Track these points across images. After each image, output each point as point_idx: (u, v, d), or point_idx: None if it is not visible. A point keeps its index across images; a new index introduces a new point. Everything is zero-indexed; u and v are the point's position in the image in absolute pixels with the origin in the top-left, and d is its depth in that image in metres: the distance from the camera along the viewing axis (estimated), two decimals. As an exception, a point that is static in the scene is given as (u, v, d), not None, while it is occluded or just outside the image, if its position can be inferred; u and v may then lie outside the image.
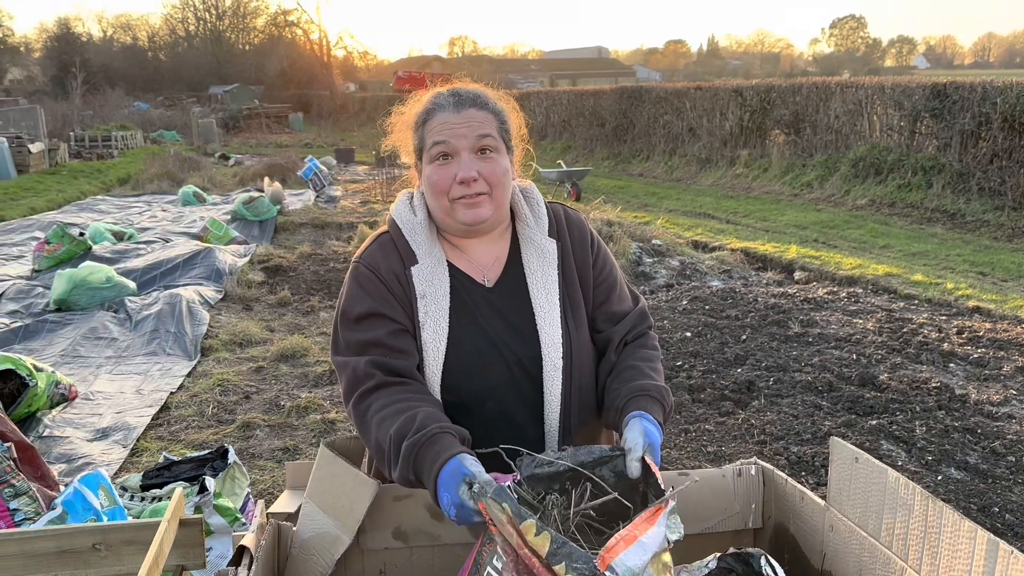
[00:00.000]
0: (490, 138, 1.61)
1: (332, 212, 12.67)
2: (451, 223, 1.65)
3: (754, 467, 1.59)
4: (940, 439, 4.27)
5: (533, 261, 1.69)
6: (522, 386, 1.65)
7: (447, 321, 1.63)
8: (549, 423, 1.66)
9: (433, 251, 1.66)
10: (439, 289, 1.64)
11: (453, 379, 1.63)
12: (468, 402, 1.63)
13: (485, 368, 1.63)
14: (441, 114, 1.62)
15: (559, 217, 1.75)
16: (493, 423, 1.64)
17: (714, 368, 5.34)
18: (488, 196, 1.61)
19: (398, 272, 1.65)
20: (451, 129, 1.60)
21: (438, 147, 1.60)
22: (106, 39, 66.79)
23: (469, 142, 1.59)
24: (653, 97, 19.86)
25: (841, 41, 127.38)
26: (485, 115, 1.63)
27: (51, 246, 8.31)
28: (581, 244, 1.75)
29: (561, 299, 1.67)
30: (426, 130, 1.64)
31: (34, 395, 4.52)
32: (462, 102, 1.63)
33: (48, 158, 19.46)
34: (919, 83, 13.25)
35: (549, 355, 1.64)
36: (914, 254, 9.23)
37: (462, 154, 1.59)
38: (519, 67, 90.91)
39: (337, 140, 30.56)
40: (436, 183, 1.61)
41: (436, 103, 1.64)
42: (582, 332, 1.70)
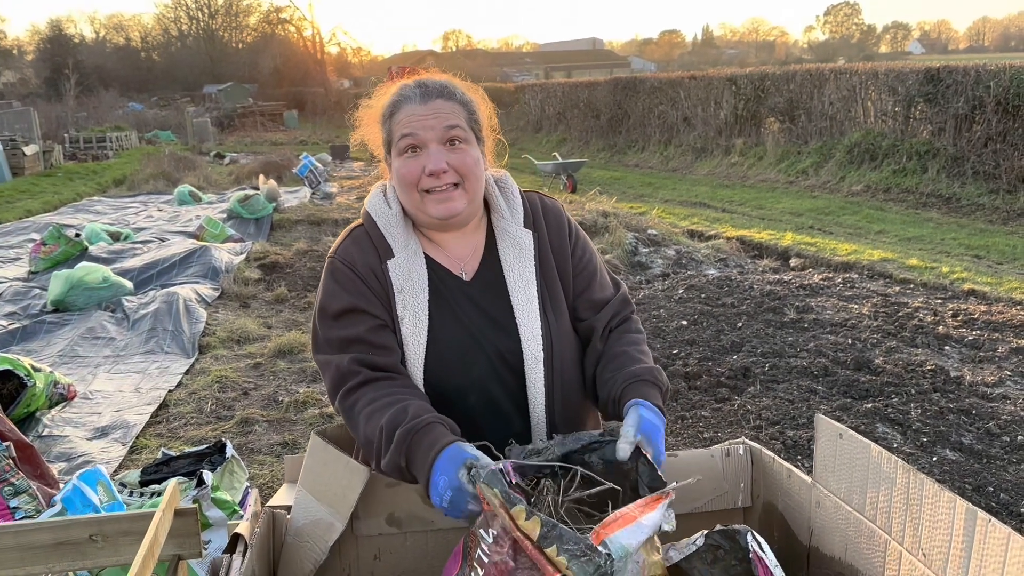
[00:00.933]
0: (459, 128, 1.58)
1: (328, 208, 12.67)
2: (423, 217, 1.63)
3: (742, 447, 1.61)
4: (935, 421, 4.29)
5: (509, 254, 1.67)
6: (505, 379, 1.65)
7: (427, 315, 1.62)
8: (535, 415, 1.65)
9: (409, 244, 1.64)
10: (416, 282, 1.62)
11: (435, 373, 1.62)
12: (451, 395, 1.63)
13: (466, 362, 1.63)
14: (408, 106, 1.59)
15: (535, 207, 1.74)
16: (478, 416, 1.64)
17: (710, 355, 5.36)
18: (460, 188, 1.58)
19: (374, 266, 1.63)
20: (418, 121, 1.57)
21: (406, 139, 1.57)
22: (99, 40, 66.64)
23: (437, 133, 1.56)
24: (648, 87, 19.85)
25: (836, 28, 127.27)
26: (452, 106, 1.60)
27: (47, 247, 8.32)
28: (558, 233, 1.73)
29: (539, 290, 1.66)
30: (393, 123, 1.61)
31: (32, 395, 4.54)
32: (428, 93, 1.60)
33: (43, 160, 19.44)
34: (912, 68, 13.25)
35: (529, 348, 1.63)
36: (910, 239, 9.25)
37: (430, 146, 1.56)
38: (514, 60, 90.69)
39: (332, 137, 30.51)
40: (405, 176, 1.58)
41: (402, 95, 1.61)
42: (562, 323, 1.68)
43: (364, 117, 1.70)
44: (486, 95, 1.73)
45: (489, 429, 1.62)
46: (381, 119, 1.65)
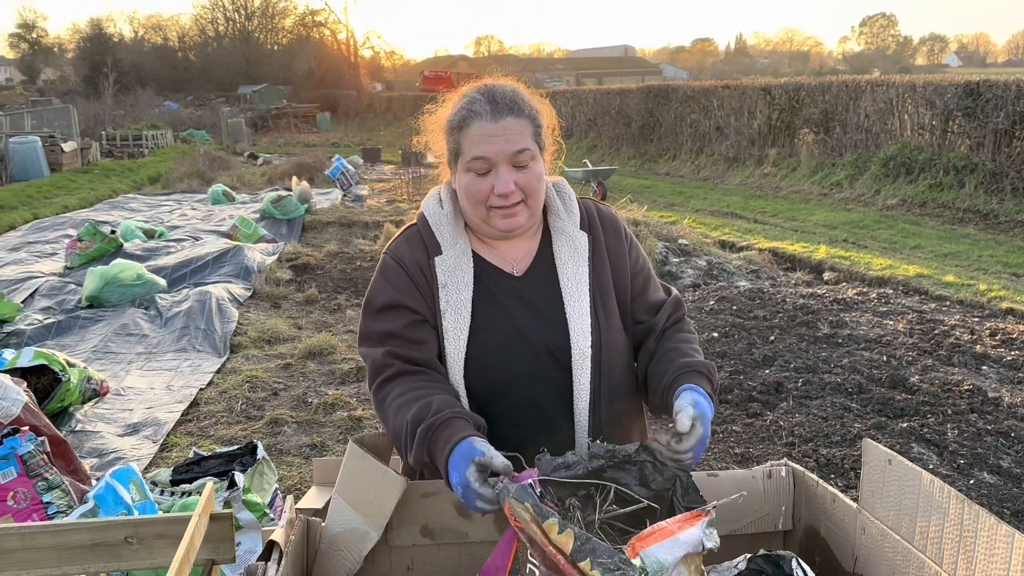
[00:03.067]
0: (526, 152, 1.60)
1: (359, 211, 12.75)
2: (487, 229, 1.66)
3: (784, 468, 1.58)
4: (972, 442, 4.20)
5: (564, 251, 1.70)
6: (550, 374, 1.65)
7: (469, 309, 1.64)
8: (579, 412, 1.65)
9: (458, 243, 1.68)
10: (461, 279, 1.65)
11: (477, 366, 1.64)
12: (496, 389, 1.64)
13: (511, 355, 1.64)
14: (478, 123, 1.59)
15: (591, 212, 1.77)
16: (521, 411, 1.65)
17: (742, 369, 5.30)
18: (524, 204, 1.62)
19: (422, 262, 1.67)
20: (489, 143, 1.58)
21: (477, 162, 1.59)
22: (137, 39, 67.61)
23: (507, 156, 1.58)
24: (680, 96, 19.74)
25: (871, 39, 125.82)
26: (521, 123, 1.60)
27: (83, 243, 8.44)
28: (615, 236, 1.76)
29: (591, 290, 1.68)
30: (462, 137, 1.61)
31: (67, 390, 4.59)
32: (499, 110, 1.59)
33: (80, 157, 19.76)
34: (951, 81, 13.05)
35: (577, 343, 1.64)
36: (946, 255, 9.10)
37: (500, 168, 1.59)
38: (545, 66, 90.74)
39: (364, 139, 30.74)
40: (473, 194, 1.61)
41: (472, 110, 1.60)
42: (612, 323, 1.70)
43: (431, 123, 1.71)
44: (547, 101, 1.73)
45: (532, 426, 1.64)
46: (448, 129, 1.66)
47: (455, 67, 66.08)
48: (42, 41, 72.29)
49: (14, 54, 75.69)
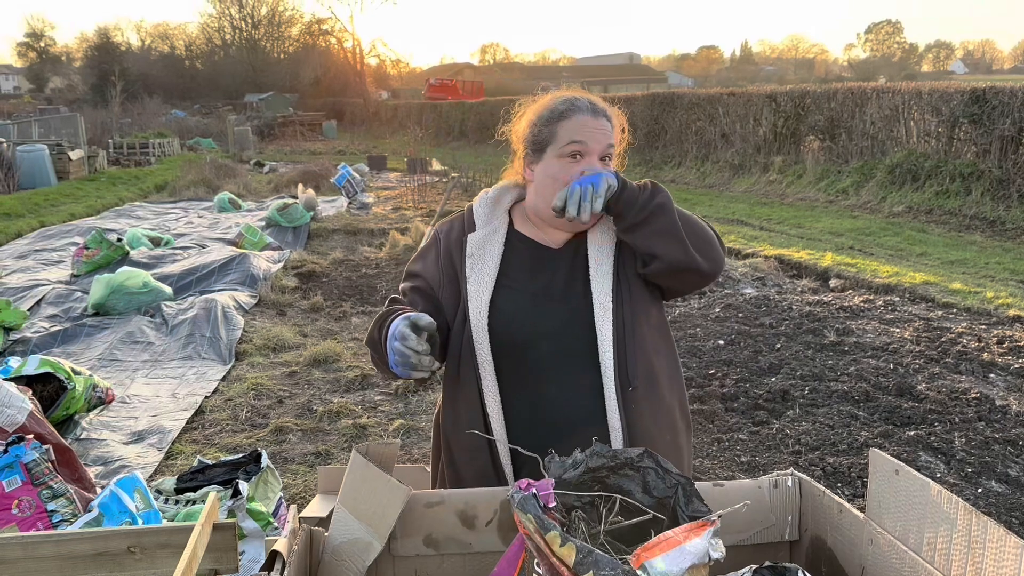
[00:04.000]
0: (613, 148, 1.77)
1: (364, 219, 12.77)
2: (559, 220, 1.74)
3: (791, 478, 1.56)
4: (980, 451, 4.18)
5: (597, 229, 1.81)
6: (574, 328, 1.75)
7: (493, 274, 1.78)
8: (604, 363, 1.73)
9: (492, 221, 1.85)
10: (488, 251, 1.81)
11: (503, 321, 1.76)
12: (523, 342, 1.76)
13: (537, 314, 1.77)
14: (580, 115, 1.75)
15: None
16: (550, 361, 1.75)
17: (748, 377, 5.28)
18: None
19: (460, 239, 1.84)
20: (590, 132, 1.73)
21: (575, 145, 1.73)
22: (144, 48, 68.00)
23: (600, 147, 1.74)
24: (685, 103, 19.75)
25: (877, 46, 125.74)
26: (611, 128, 1.79)
27: (90, 251, 8.46)
28: None
29: (615, 258, 1.78)
30: (559, 127, 1.75)
31: (72, 398, 4.60)
32: (598, 111, 1.77)
33: (87, 165, 19.84)
34: (957, 88, 13.02)
35: (600, 299, 1.74)
36: (952, 262, 9.06)
37: (592, 156, 1.73)
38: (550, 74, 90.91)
39: (370, 147, 30.79)
40: (563, 178, 1.72)
41: (576, 105, 1.76)
42: (635, 283, 1.79)
43: (526, 112, 1.85)
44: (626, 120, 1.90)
45: (562, 379, 1.76)
46: (543, 120, 1.78)
47: (460, 75, 66.30)
48: (50, 50, 72.75)
49: (22, 63, 76.23)
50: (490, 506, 1.52)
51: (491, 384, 1.76)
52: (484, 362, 1.76)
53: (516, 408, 1.76)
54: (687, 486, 1.44)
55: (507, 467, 1.77)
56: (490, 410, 1.76)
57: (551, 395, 1.75)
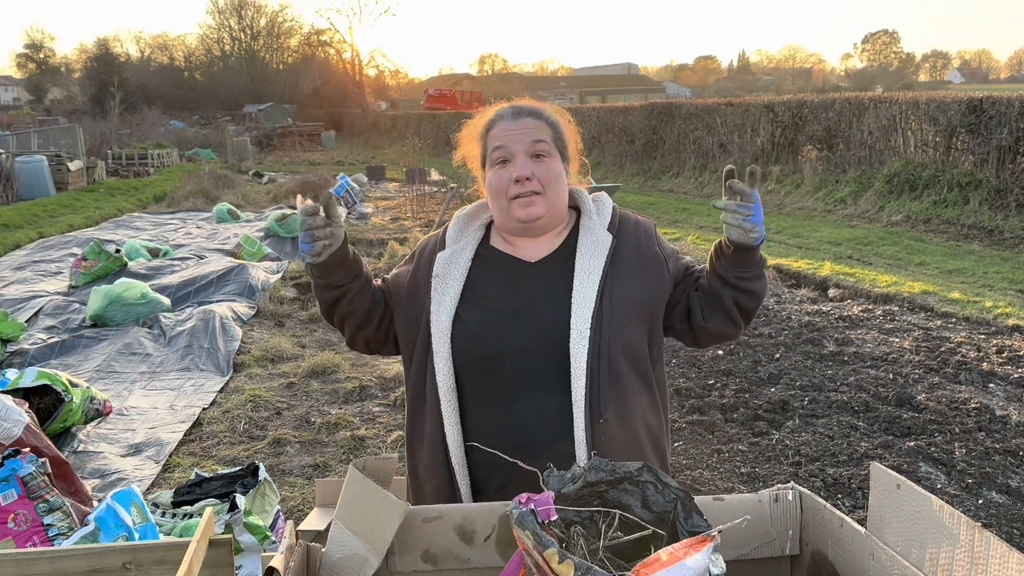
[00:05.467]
0: (543, 143, 1.75)
1: (363, 229, 12.77)
2: (509, 223, 1.77)
3: (791, 492, 1.55)
4: (980, 462, 4.17)
5: (586, 244, 1.77)
6: (546, 350, 1.71)
7: (454, 295, 1.76)
8: (576, 392, 1.68)
9: (461, 239, 1.83)
10: (454, 268, 1.79)
11: (467, 339, 1.73)
12: (486, 359, 1.72)
13: (500, 334, 1.72)
14: (501, 123, 1.78)
15: (625, 219, 1.85)
16: (516, 383, 1.71)
17: (747, 387, 5.27)
18: (541, 196, 1.73)
19: (429, 256, 1.84)
20: (508, 135, 1.75)
21: (497, 152, 1.75)
22: (144, 59, 68.09)
23: (524, 146, 1.73)
24: (683, 113, 19.79)
25: (874, 56, 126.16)
26: (540, 123, 1.77)
27: (88, 262, 8.45)
28: (646, 237, 1.83)
29: (603, 279, 1.72)
30: (488, 138, 1.79)
31: (69, 410, 4.58)
32: (519, 113, 1.79)
33: (86, 176, 19.86)
34: (954, 98, 13.06)
35: (576, 324, 1.68)
36: (951, 271, 9.06)
37: (517, 156, 1.73)
38: (549, 84, 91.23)
39: (368, 157, 30.83)
40: (496, 185, 1.75)
41: (497, 115, 1.80)
42: (619, 316, 1.72)
43: (464, 136, 1.88)
44: (573, 120, 1.89)
45: (527, 397, 1.71)
46: (479, 136, 1.83)
47: (459, 85, 66.45)
48: (49, 61, 72.85)
49: (21, 74, 76.35)
50: (488, 521, 1.51)
51: (451, 410, 1.73)
52: (445, 387, 1.73)
53: (482, 426, 1.72)
54: (687, 501, 1.43)
55: (464, 487, 1.74)
56: (449, 438, 1.73)
57: (517, 413, 1.70)
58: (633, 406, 1.76)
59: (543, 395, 1.70)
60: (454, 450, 1.74)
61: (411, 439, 1.86)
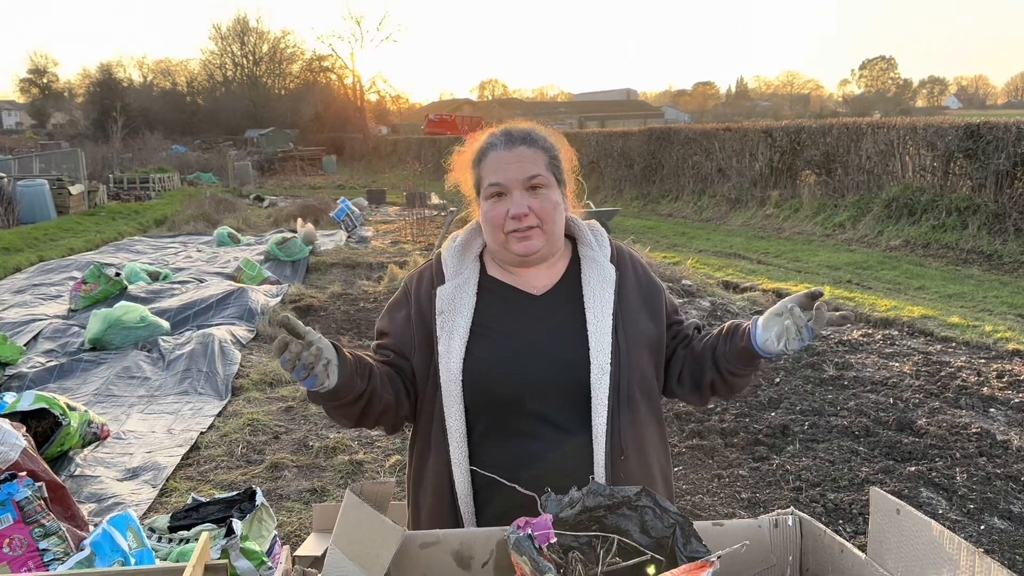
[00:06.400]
0: (540, 176, 1.70)
1: (363, 252, 12.79)
2: (507, 255, 1.74)
3: (791, 517, 1.54)
4: (982, 487, 4.14)
5: (592, 276, 1.75)
6: (566, 386, 1.67)
7: (464, 331, 1.69)
8: (597, 427, 1.66)
9: (462, 272, 1.76)
10: (458, 306, 1.72)
11: (480, 379, 1.67)
12: (505, 394, 1.66)
13: (521, 366, 1.67)
14: (494, 152, 1.72)
15: (622, 251, 1.84)
16: (536, 421, 1.67)
17: (747, 412, 5.25)
18: (539, 229, 1.69)
19: (429, 293, 1.76)
20: (503, 169, 1.69)
21: (492, 188, 1.70)
22: (146, 84, 68.49)
23: (520, 180, 1.68)
24: (682, 138, 19.91)
25: (871, 82, 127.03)
26: (535, 152, 1.72)
27: (88, 286, 8.45)
28: (645, 272, 1.84)
29: (614, 314, 1.71)
30: (481, 168, 1.74)
31: (67, 434, 4.56)
32: (512, 140, 1.73)
33: (87, 200, 19.92)
34: (952, 124, 13.14)
35: (597, 359, 1.66)
36: (950, 296, 9.07)
37: (514, 192, 1.68)
38: (548, 109, 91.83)
39: (369, 182, 30.97)
40: (492, 218, 1.70)
41: (490, 142, 1.75)
42: (633, 350, 1.71)
43: (457, 163, 1.83)
44: (566, 140, 1.84)
45: (548, 437, 1.66)
46: (471, 164, 1.78)
47: (459, 111, 66.89)
48: (52, 86, 73.30)
49: (25, 99, 76.73)
50: (486, 547, 1.50)
51: (460, 455, 1.67)
52: (455, 430, 1.67)
53: (496, 465, 1.62)
54: (685, 526, 1.42)
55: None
56: (458, 485, 1.69)
57: (535, 453, 1.65)
58: (648, 442, 1.76)
59: (562, 434, 1.67)
60: (463, 499, 1.69)
61: (415, 483, 1.80)
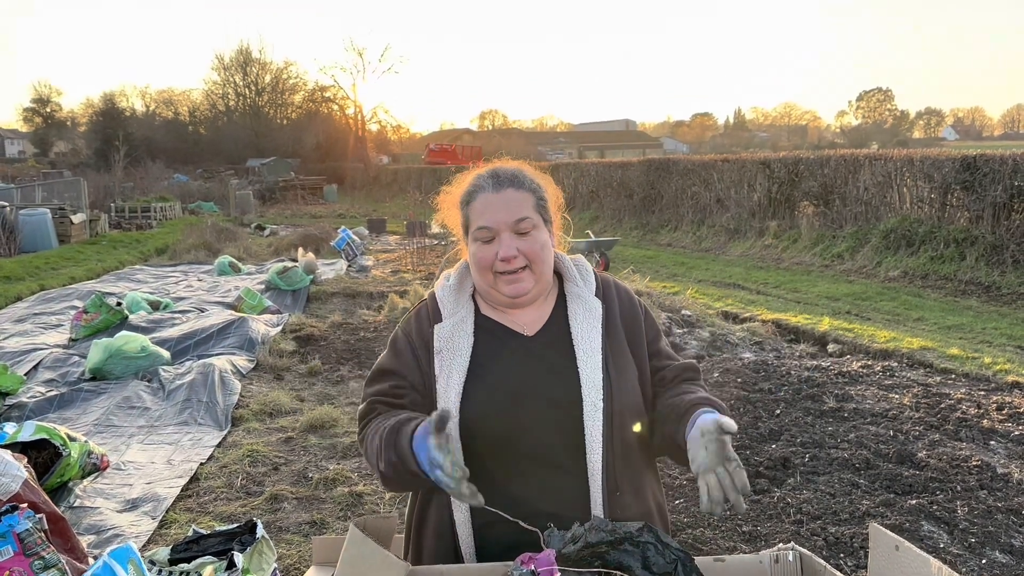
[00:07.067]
0: (528, 219, 1.73)
1: (363, 281, 12.83)
2: (496, 295, 1.77)
3: (792, 552, 1.56)
4: (983, 520, 4.13)
5: (579, 313, 1.77)
6: (560, 427, 1.69)
7: (462, 371, 1.71)
8: (592, 465, 1.67)
9: (458, 311, 1.79)
10: (456, 345, 1.74)
11: (476, 421, 1.68)
12: (501, 440, 1.68)
13: (516, 408, 1.68)
14: (482, 194, 1.75)
15: (607, 283, 1.86)
16: (531, 462, 1.68)
17: (748, 443, 5.25)
18: (528, 270, 1.73)
19: (426, 333, 1.78)
20: (492, 212, 1.72)
21: (481, 232, 1.73)
22: (149, 113, 69.00)
23: (509, 222, 1.71)
24: (680, 169, 20.05)
25: (868, 113, 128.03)
26: (522, 194, 1.75)
27: (89, 315, 8.47)
28: (630, 305, 1.84)
29: (603, 349, 1.73)
30: (470, 210, 1.77)
31: (67, 465, 4.56)
32: (500, 183, 1.75)
33: (89, 228, 20.01)
34: (948, 156, 13.25)
35: (589, 395, 1.68)
36: (949, 327, 9.09)
37: (502, 234, 1.71)
38: (548, 139, 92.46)
39: (370, 211, 31.11)
40: (480, 260, 1.73)
41: (477, 184, 1.77)
42: (624, 385, 1.73)
43: (444, 202, 1.86)
44: (551, 179, 1.88)
45: (543, 479, 1.68)
46: (459, 204, 1.82)
47: (460, 140, 67.41)
48: (55, 115, 73.82)
49: (28, 128, 77.23)
50: (489, 582, 1.51)
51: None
52: None
53: (494, 505, 1.61)
54: (687, 562, 1.44)
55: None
56: (458, 524, 1.70)
57: (532, 494, 1.66)
58: (642, 475, 1.77)
59: (557, 473, 1.68)
60: (464, 539, 1.70)
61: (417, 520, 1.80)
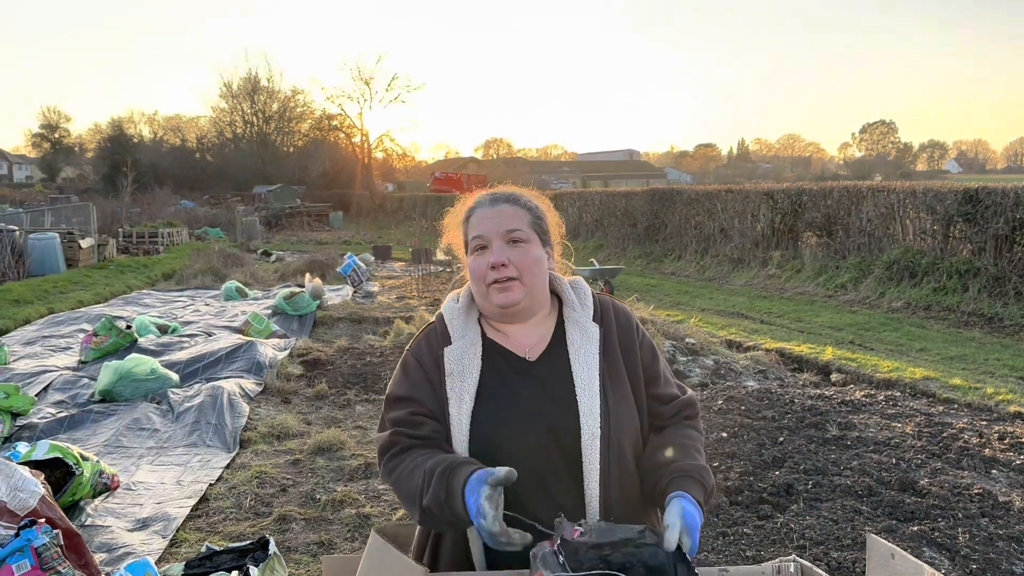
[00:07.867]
0: (520, 231, 1.79)
1: (369, 307, 12.92)
2: (489, 307, 1.81)
3: (792, 564, 1.62)
4: (985, 547, 4.17)
5: (576, 339, 1.81)
6: (558, 454, 1.72)
7: (472, 396, 1.75)
8: (589, 493, 1.71)
9: (467, 333, 1.82)
10: (466, 367, 1.78)
11: (483, 445, 1.72)
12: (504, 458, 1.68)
13: (517, 434, 1.72)
14: (480, 210, 1.83)
15: (606, 306, 1.89)
16: (531, 490, 1.70)
17: (751, 470, 5.29)
18: (519, 281, 1.76)
19: (436, 355, 1.81)
20: (486, 222, 1.80)
21: (475, 240, 1.80)
22: (156, 140, 69.61)
23: (500, 231, 1.78)
24: (684, 198, 20.20)
25: (872, 145, 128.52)
26: (517, 210, 1.82)
27: (98, 338, 8.56)
28: (627, 329, 1.87)
29: (601, 375, 1.77)
30: (468, 225, 1.84)
31: (79, 484, 4.62)
32: (497, 199, 1.84)
33: (97, 253, 20.15)
34: (951, 188, 13.36)
35: (587, 424, 1.71)
36: (952, 358, 9.14)
37: (494, 243, 1.77)
38: (552, 168, 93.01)
39: (375, 237, 31.30)
40: (475, 270, 1.79)
41: (476, 202, 1.86)
42: (623, 409, 1.77)
43: (449, 223, 1.93)
44: (552, 206, 1.94)
45: (540, 502, 1.70)
46: (461, 223, 1.89)
47: (465, 169, 67.79)
48: (64, 141, 74.49)
49: (36, 153, 77.91)
50: (505, 587, 1.57)
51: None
52: None
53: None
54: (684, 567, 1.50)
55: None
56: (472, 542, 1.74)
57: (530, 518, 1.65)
58: (640, 501, 1.81)
59: (558, 495, 1.72)
60: (477, 557, 1.74)
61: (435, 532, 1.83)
